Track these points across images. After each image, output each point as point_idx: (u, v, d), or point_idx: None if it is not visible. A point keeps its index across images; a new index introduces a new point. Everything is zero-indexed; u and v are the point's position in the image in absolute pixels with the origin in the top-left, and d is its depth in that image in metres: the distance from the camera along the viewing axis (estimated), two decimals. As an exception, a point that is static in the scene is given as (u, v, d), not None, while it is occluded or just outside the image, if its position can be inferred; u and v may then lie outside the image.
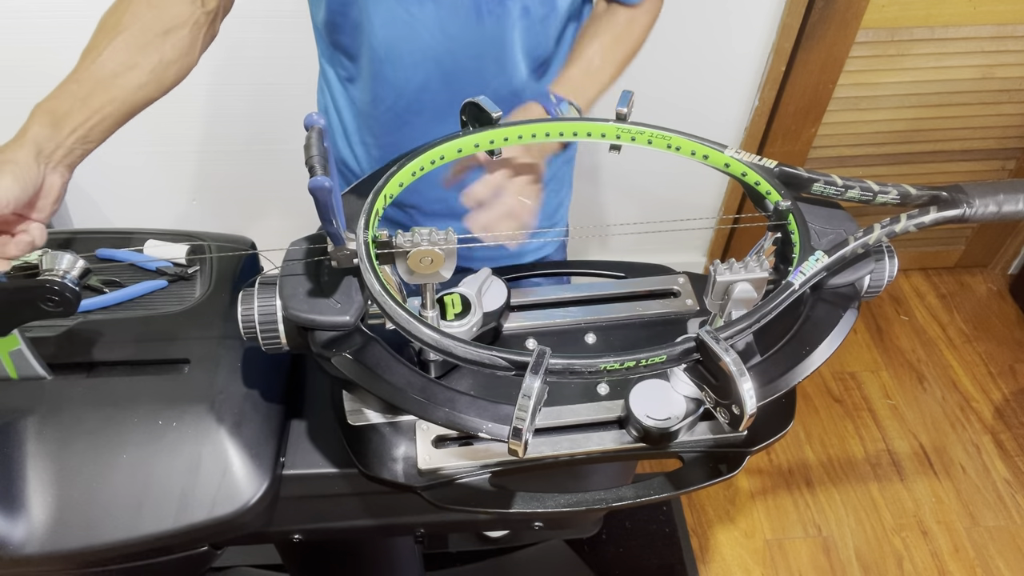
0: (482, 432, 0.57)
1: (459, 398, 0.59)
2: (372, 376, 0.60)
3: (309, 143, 0.57)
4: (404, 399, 0.59)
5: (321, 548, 1.01)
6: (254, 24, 1.55)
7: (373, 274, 0.61)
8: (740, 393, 0.55)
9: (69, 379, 0.75)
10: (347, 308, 0.62)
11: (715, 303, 0.66)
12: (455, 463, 0.71)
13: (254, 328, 0.65)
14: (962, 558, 1.67)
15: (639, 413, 0.68)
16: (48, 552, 0.68)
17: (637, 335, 0.81)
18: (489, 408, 0.58)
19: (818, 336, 0.64)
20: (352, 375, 0.61)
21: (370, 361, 0.61)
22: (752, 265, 0.64)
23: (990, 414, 1.95)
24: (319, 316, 0.62)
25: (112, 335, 0.79)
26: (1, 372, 0.74)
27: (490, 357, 0.57)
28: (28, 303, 0.67)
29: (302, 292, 0.63)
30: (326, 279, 0.64)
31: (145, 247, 0.88)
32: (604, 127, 0.75)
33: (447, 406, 0.58)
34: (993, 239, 2.22)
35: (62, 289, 0.66)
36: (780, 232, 0.69)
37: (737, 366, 0.55)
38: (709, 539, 1.69)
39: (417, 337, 0.58)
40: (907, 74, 1.79)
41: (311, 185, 0.54)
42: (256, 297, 0.65)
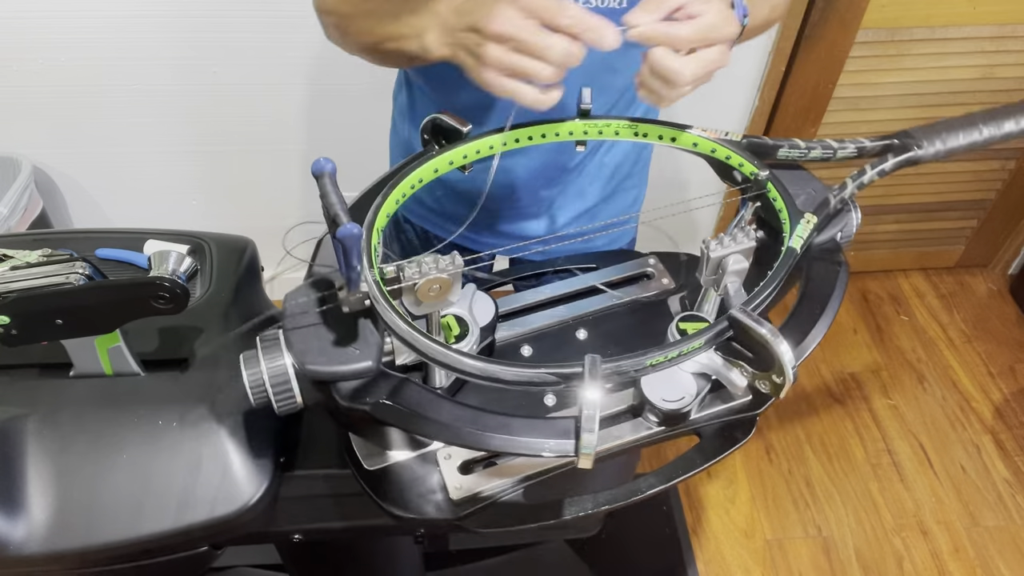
0: (546, 452, 0.56)
1: (512, 421, 0.57)
2: (418, 417, 0.58)
3: (325, 191, 0.55)
4: (458, 434, 0.57)
5: (321, 548, 1.01)
6: (254, 24, 1.55)
7: (394, 312, 0.58)
8: (781, 361, 0.57)
9: (69, 379, 0.75)
10: (367, 352, 0.59)
11: (710, 279, 0.68)
12: (488, 485, 0.69)
13: (264, 391, 0.61)
14: (962, 558, 1.67)
15: (655, 399, 0.68)
16: (48, 552, 0.68)
17: (625, 322, 0.82)
18: (542, 426, 0.57)
19: (826, 292, 0.66)
20: (396, 420, 0.58)
21: (411, 402, 0.59)
22: (740, 237, 0.66)
23: (990, 414, 1.95)
24: (341, 367, 0.58)
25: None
26: (96, 368, 0.74)
27: (540, 376, 0.56)
28: (138, 301, 0.68)
29: (314, 344, 0.59)
30: (335, 326, 0.60)
31: (145, 247, 0.88)
32: (571, 125, 0.75)
33: (503, 432, 0.56)
34: (993, 239, 2.22)
35: (173, 286, 0.67)
36: (760, 201, 0.72)
37: (774, 336, 0.57)
38: (709, 539, 1.69)
39: (460, 370, 0.57)
40: (907, 74, 1.79)
41: (341, 234, 0.50)
42: (262, 358, 0.61)
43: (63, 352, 0.73)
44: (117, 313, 0.70)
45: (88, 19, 1.51)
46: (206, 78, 1.62)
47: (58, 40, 1.54)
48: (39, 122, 1.67)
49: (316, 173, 0.56)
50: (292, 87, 1.66)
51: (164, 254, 0.70)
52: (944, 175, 2.04)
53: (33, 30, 1.52)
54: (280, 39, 1.57)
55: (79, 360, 0.74)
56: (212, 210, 1.90)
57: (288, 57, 1.61)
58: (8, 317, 0.67)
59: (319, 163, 0.55)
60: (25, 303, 0.67)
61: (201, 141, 1.75)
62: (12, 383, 0.74)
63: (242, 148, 1.77)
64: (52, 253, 0.80)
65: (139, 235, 0.89)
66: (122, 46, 1.55)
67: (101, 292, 0.68)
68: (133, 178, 1.81)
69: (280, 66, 1.62)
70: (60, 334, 0.70)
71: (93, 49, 1.55)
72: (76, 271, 0.71)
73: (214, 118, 1.70)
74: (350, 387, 0.59)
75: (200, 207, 1.89)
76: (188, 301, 0.69)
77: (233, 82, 1.63)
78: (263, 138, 1.76)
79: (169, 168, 1.80)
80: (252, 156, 1.79)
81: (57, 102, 1.63)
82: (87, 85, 1.60)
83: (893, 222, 2.15)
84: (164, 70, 1.60)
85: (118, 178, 1.80)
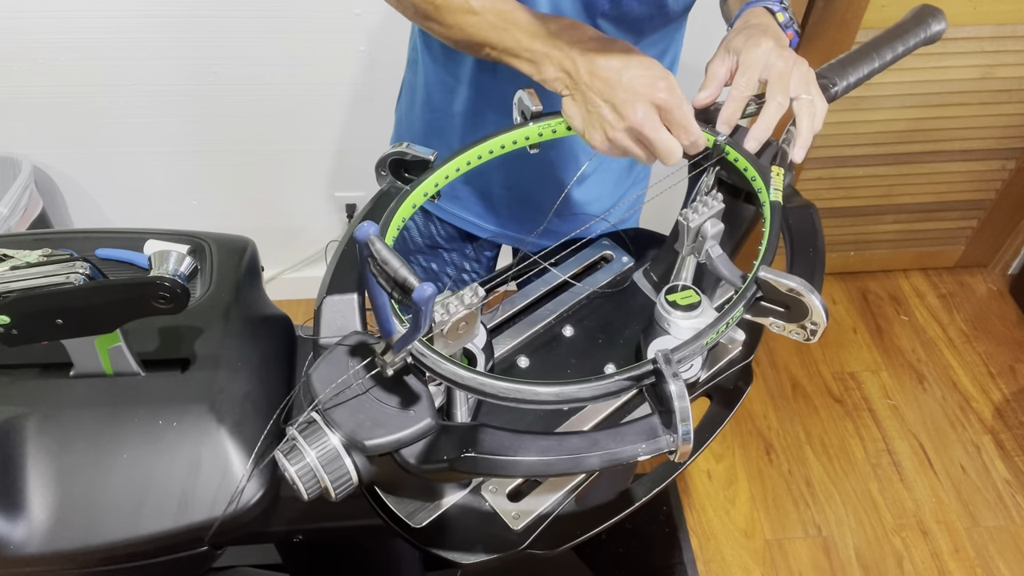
0: (641, 455, 0.55)
1: (598, 437, 0.56)
2: (507, 461, 0.55)
3: (383, 256, 0.48)
4: (554, 465, 0.55)
5: (321, 548, 1.01)
6: (255, 24, 1.55)
7: (448, 361, 0.55)
8: (814, 307, 0.60)
9: (69, 379, 0.75)
10: (423, 410, 0.56)
11: (691, 247, 0.71)
12: (542, 505, 0.69)
13: (316, 480, 0.56)
14: (962, 558, 1.67)
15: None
16: (48, 552, 0.68)
17: (602, 308, 0.84)
18: (626, 432, 0.56)
19: (812, 232, 0.70)
20: (484, 469, 0.56)
21: (494, 447, 0.56)
22: (710, 202, 0.69)
23: (990, 414, 1.95)
24: (403, 432, 0.54)
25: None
26: (96, 368, 0.74)
27: (617, 384, 0.56)
28: (138, 301, 0.68)
29: (365, 417, 0.55)
30: (379, 392, 0.57)
31: (145, 247, 0.88)
32: (526, 131, 0.74)
33: (595, 449, 0.55)
34: (993, 239, 2.22)
35: (173, 286, 0.67)
36: (720, 166, 0.75)
37: (805, 287, 0.59)
38: (709, 539, 1.69)
39: (537, 401, 0.56)
40: (907, 74, 1.79)
41: (419, 297, 0.46)
42: (305, 446, 0.55)
43: (63, 352, 0.73)
44: (117, 313, 0.70)
45: (88, 19, 1.51)
46: (206, 78, 1.62)
47: (58, 40, 1.53)
48: (39, 122, 1.67)
49: (361, 239, 0.48)
50: (292, 87, 1.66)
51: (164, 254, 0.70)
52: (944, 175, 2.03)
53: (33, 30, 1.51)
54: (280, 39, 1.57)
55: (79, 360, 0.74)
56: (212, 210, 1.90)
57: (288, 57, 1.61)
58: (8, 317, 0.67)
59: (364, 229, 0.48)
60: (25, 303, 0.67)
61: (201, 141, 1.75)
62: (12, 383, 0.74)
63: (242, 148, 1.77)
64: (52, 253, 0.80)
65: (139, 235, 0.89)
66: (122, 46, 1.55)
67: (101, 292, 0.68)
68: (133, 178, 1.81)
69: (280, 66, 1.62)
70: (60, 334, 0.70)
71: (93, 49, 1.55)
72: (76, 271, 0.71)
73: (214, 118, 1.70)
74: (417, 449, 0.56)
75: (200, 207, 1.89)
76: (188, 301, 0.69)
77: (233, 82, 1.63)
78: (263, 138, 1.76)
79: (169, 168, 1.80)
80: (252, 156, 1.79)
81: (57, 102, 1.63)
82: (87, 85, 1.60)
83: (893, 222, 2.15)
84: (164, 70, 1.60)
85: (118, 178, 1.80)
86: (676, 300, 0.74)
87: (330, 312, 0.63)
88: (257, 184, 1.86)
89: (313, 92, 1.68)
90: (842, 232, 2.17)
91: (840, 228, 2.15)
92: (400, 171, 0.73)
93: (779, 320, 0.63)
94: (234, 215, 1.91)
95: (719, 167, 0.75)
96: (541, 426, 0.73)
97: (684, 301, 0.74)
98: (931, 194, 2.08)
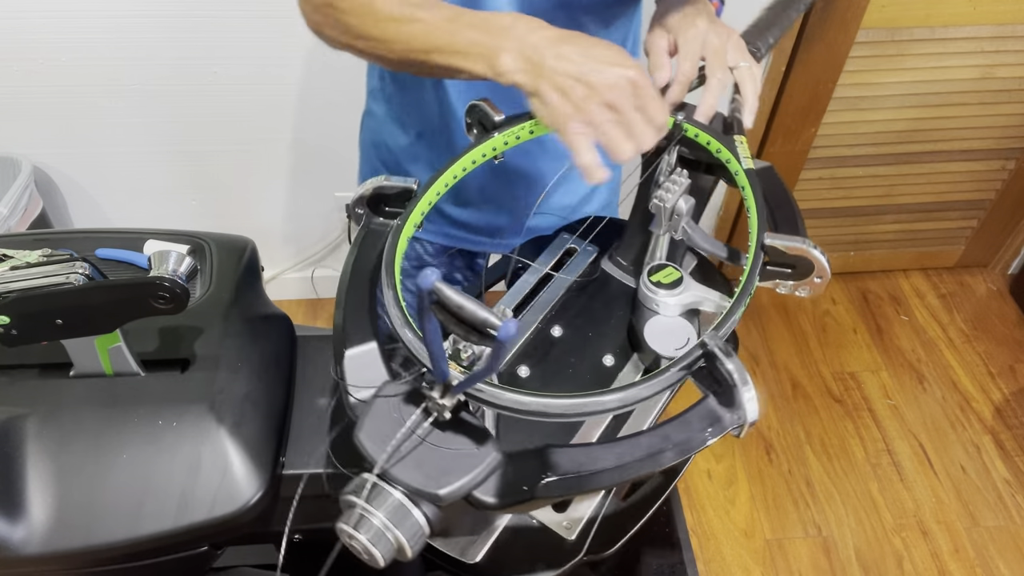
0: (710, 440, 0.55)
1: (666, 430, 0.55)
2: (588, 476, 0.54)
3: (457, 301, 0.47)
4: (631, 469, 0.54)
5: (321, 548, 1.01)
6: (254, 24, 1.55)
7: (510, 390, 0.54)
8: (819, 262, 0.64)
9: (69, 379, 0.75)
10: (486, 445, 0.54)
11: (668, 225, 0.73)
12: (587, 508, 0.69)
13: (390, 542, 0.53)
14: (962, 558, 1.67)
15: (668, 352, 0.73)
16: (48, 552, 0.67)
17: (582, 302, 0.84)
18: (691, 420, 0.55)
19: (782, 190, 0.73)
20: (568, 491, 0.55)
21: (573, 466, 0.54)
22: (678, 180, 0.72)
23: (990, 414, 1.95)
24: (474, 473, 0.53)
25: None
26: (96, 368, 0.74)
27: (674, 375, 0.57)
28: (138, 301, 0.68)
29: (430, 467, 0.52)
30: (435, 437, 0.54)
31: (145, 247, 0.88)
32: (493, 142, 0.73)
33: (666, 444, 0.54)
34: (993, 239, 2.22)
35: (173, 286, 0.67)
36: (680, 145, 0.76)
37: (807, 244, 0.63)
38: (709, 539, 1.69)
39: (605, 409, 0.55)
40: (907, 74, 1.79)
41: (505, 335, 0.44)
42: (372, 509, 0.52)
43: (63, 352, 0.73)
44: (117, 313, 0.70)
45: (88, 19, 1.51)
46: (206, 78, 1.62)
47: (58, 40, 1.53)
48: (39, 122, 1.67)
49: (429, 287, 0.46)
50: (293, 87, 1.66)
51: (164, 254, 0.70)
52: (944, 175, 2.03)
53: (33, 30, 1.51)
54: (280, 39, 1.57)
55: (79, 360, 0.74)
56: (212, 210, 1.90)
57: (289, 57, 1.61)
58: (8, 317, 0.67)
59: (428, 277, 0.45)
60: (25, 303, 0.67)
61: (201, 141, 1.75)
62: (12, 383, 0.74)
63: (242, 148, 1.77)
64: (52, 253, 0.80)
65: (139, 235, 0.89)
66: (122, 46, 1.55)
67: (101, 292, 0.68)
68: (133, 178, 1.81)
69: (280, 66, 1.62)
70: (60, 334, 0.70)
71: (93, 49, 1.55)
72: (76, 271, 0.71)
73: (214, 118, 1.70)
74: (492, 487, 0.54)
75: (200, 207, 1.89)
76: (188, 301, 0.69)
77: (233, 82, 1.63)
78: (264, 138, 1.76)
79: (169, 168, 1.80)
80: (252, 156, 1.79)
81: (57, 102, 1.63)
82: (87, 85, 1.60)
83: (893, 222, 2.15)
84: (164, 70, 1.60)
85: (118, 178, 1.80)
86: (660, 280, 0.76)
87: (353, 366, 0.60)
88: (257, 184, 1.86)
89: (313, 92, 1.68)
90: (842, 232, 2.16)
91: (840, 228, 2.15)
92: (380, 206, 0.70)
93: (786, 281, 0.66)
94: (234, 215, 1.91)
95: (680, 144, 0.77)
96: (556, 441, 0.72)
97: (667, 279, 0.76)
98: (931, 194, 2.09)
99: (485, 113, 0.73)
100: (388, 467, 0.52)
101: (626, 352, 0.79)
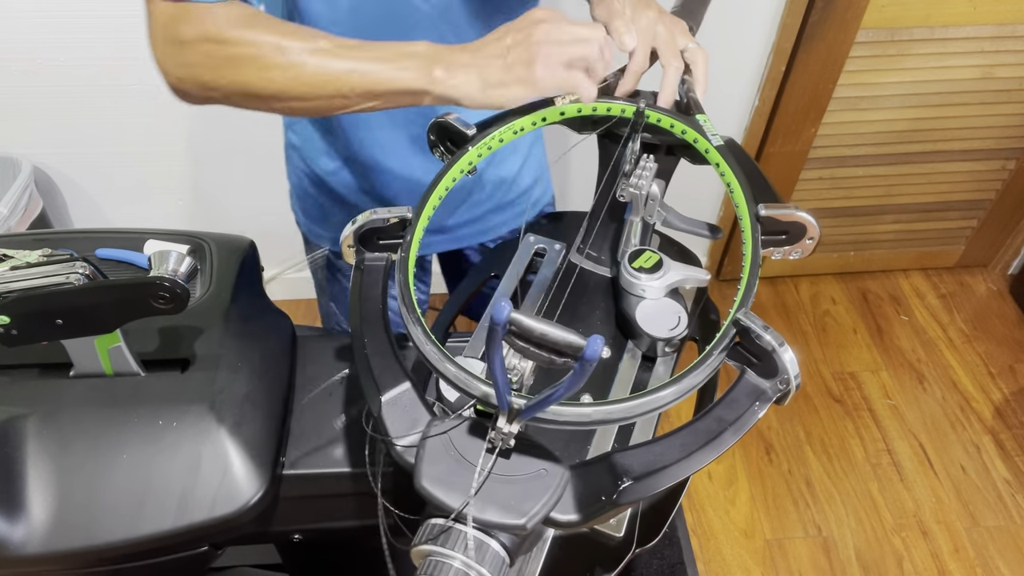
0: (760, 413, 0.56)
1: (718, 413, 0.55)
2: (661, 473, 0.53)
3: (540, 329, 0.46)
4: (700, 456, 0.53)
5: (321, 548, 1.01)
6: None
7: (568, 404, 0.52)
8: (810, 222, 0.67)
9: (69, 379, 0.75)
10: (554, 464, 0.53)
11: (645, 211, 0.76)
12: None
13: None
14: (962, 558, 1.67)
15: (662, 334, 0.74)
16: (48, 552, 0.68)
17: (560, 299, 0.85)
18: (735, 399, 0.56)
19: (747, 159, 0.74)
20: (646, 492, 0.53)
21: (645, 466, 0.53)
22: (648, 166, 0.74)
23: (990, 414, 1.95)
24: (548, 494, 0.52)
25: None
26: (96, 368, 0.74)
27: (717, 358, 0.58)
28: (138, 301, 0.68)
29: (501, 500, 0.51)
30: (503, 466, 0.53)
31: (145, 247, 0.88)
32: (467, 156, 0.72)
33: (723, 426, 0.54)
34: (993, 239, 2.22)
35: (173, 287, 0.67)
36: (644, 130, 0.77)
37: (799, 210, 0.66)
38: (709, 539, 1.69)
39: (661, 405, 0.55)
40: (907, 74, 1.79)
41: (592, 353, 0.43)
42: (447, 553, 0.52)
43: (63, 352, 0.74)
44: (117, 313, 0.70)
45: (88, 19, 1.51)
46: (206, 78, 1.62)
47: (57, 40, 1.53)
48: (39, 122, 1.67)
49: (504, 320, 0.45)
50: (292, 87, 1.66)
51: (164, 254, 0.70)
52: (944, 175, 2.04)
53: (32, 30, 1.51)
54: (280, 39, 1.57)
55: (79, 360, 0.74)
56: (211, 210, 1.90)
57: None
58: (8, 317, 0.67)
59: (503, 310, 0.44)
60: (25, 303, 0.67)
61: (201, 141, 1.75)
62: (12, 383, 0.75)
63: (243, 148, 1.77)
64: (52, 253, 0.80)
65: (139, 235, 0.89)
66: (122, 46, 1.55)
67: (101, 292, 0.68)
68: (133, 178, 1.81)
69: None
70: (60, 334, 0.70)
71: (93, 49, 1.55)
72: (76, 271, 0.71)
73: (215, 118, 1.70)
74: (569, 504, 0.53)
75: (200, 207, 1.89)
76: (188, 301, 0.69)
77: (233, 82, 1.63)
78: (264, 138, 1.75)
79: (169, 168, 1.80)
80: (253, 156, 1.79)
81: (57, 102, 1.63)
82: (87, 85, 1.60)
83: (893, 222, 2.15)
84: (164, 70, 1.60)
85: (118, 178, 1.80)
86: (641, 264, 0.77)
87: (392, 411, 0.58)
88: (257, 184, 1.86)
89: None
90: (842, 232, 2.17)
91: (840, 228, 2.15)
92: (373, 240, 0.68)
93: (779, 247, 0.68)
94: (234, 215, 1.91)
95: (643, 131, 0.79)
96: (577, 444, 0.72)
97: (648, 264, 0.77)
98: (931, 194, 2.09)
99: (452, 130, 0.73)
100: (469, 515, 0.51)
101: (620, 342, 0.79)
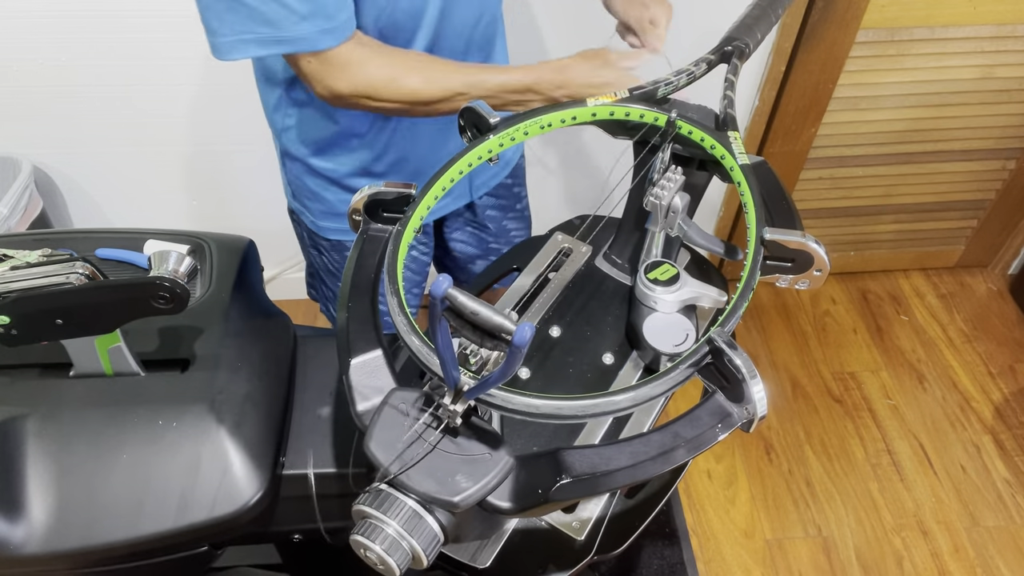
0: (720, 436, 0.54)
1: (675, 427, 0.54)
2: (603, 477, 0.53)
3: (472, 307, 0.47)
4: (645, 469, 0.53)
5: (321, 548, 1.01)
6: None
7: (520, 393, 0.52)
8: (819, 255, 0.65)
9: (69, 379, 0.75)
10: (501, 448, 0.53)
11: (664, 222, 0.76)
12: (596, 508, 0.69)
13: (405, 550, 0.52)
14: (962, 558, 1.67)
15: (667, 349, 0.74)
16: (48, 552, 0.68)
17: (577, 300, 0.85)
18: (698, 417, 0.55)
19: (776, 184, 0.73)
20: (582, 492, 0.54)
21: (586, 467, 0.53)
22: (674, 178, 0.74)
23: (990, 414, 1.95)
24: (488, 478, 0.52)
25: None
26: (96, 368, 0.74)
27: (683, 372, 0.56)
28: (138, 301, 0.68)
29: (439, 475, 0.52)
30: (446, 444, 0.53)
31: (145, 247, 0.88)
32: (489, 144, 0.73)
33: (677, 442, 0.54)
34: (993, 239, 2.22)
35: (173, 287, 0.67)
36: (673, 142, 0.77)
37: (806, 238, 0.65)
38: (709, 539, 1.69)
39: (616, 409, 0.55)
40: (907, 74, 1.79)
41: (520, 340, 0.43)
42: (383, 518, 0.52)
43: (63, 352, 0.74)
44: (117, 313, 0.70)
45: (88, 19, 1.51)
46: (206, 77, 1.62)
47: (58, 40, 1.53)
48: (39, 122, 1.67)
49: (441, 295, 0.45)
50: (292, 87, 1.66)
51: (164, 254, 0.70)
52: (944, 175, 2.03)
53: (33, 30, 1.51)
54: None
55: (79, 360, 0.74)
56: (212, 210, 1.90)
57: (288, 57, 1.61)
58: (8, 317, 0.67)
59: (440, 284, 0.44)
60: (25, 303, 0.67)
61: (201, 141, 1.75)
62: (12, 383, 0.75)
63: (243, 148, 1.77)
64: (52, 253, 0.80)
65: (139, 235, 0.89)
66: (123, 46, 1.55)
67: (101, 292, 0.68)
68: (133, 178, 1.81)
69: (280, 66, 1.62)
70: (60, 334, 0.70)
71: (93, 49, 1.55)
72: (76, 271, 0.71)
73: (215, 117, 1.70)
74: (506, 491, 0.53)
75: (200, 207, 1.89)
76: (188, 301, 0.69)
77: (233, 81, 1.63)
78: (264, 138, 1.75)
79: (169, 168, 1.80)
80: (253, 156, 1.79)
81: (57, 102, 1.63)
82: (87, 85, 1.60)
83: (893, 222, 2.15)
84: (164, 70, 1.60)
85: (118, 178, 1.80)
86: (657, 276, 0.77)
87: (359, 375, 0.59)
88: (257, 184, 1.86)
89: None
90: (842, 232, 2.17)
91: (840, 228, 2.15)
92: (378, 212, 0.70)
93: (786, 275, 0.66)
94: (234, 215, 1.91)
95: (673, 142, 0.78)
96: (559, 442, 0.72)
97: (664, 276, 0.77)
98: (931, 194, 2.09)
99: (479, 116, 0.73)
100: (400, 475, 0.51)
101: (625, 350, 0.79)
